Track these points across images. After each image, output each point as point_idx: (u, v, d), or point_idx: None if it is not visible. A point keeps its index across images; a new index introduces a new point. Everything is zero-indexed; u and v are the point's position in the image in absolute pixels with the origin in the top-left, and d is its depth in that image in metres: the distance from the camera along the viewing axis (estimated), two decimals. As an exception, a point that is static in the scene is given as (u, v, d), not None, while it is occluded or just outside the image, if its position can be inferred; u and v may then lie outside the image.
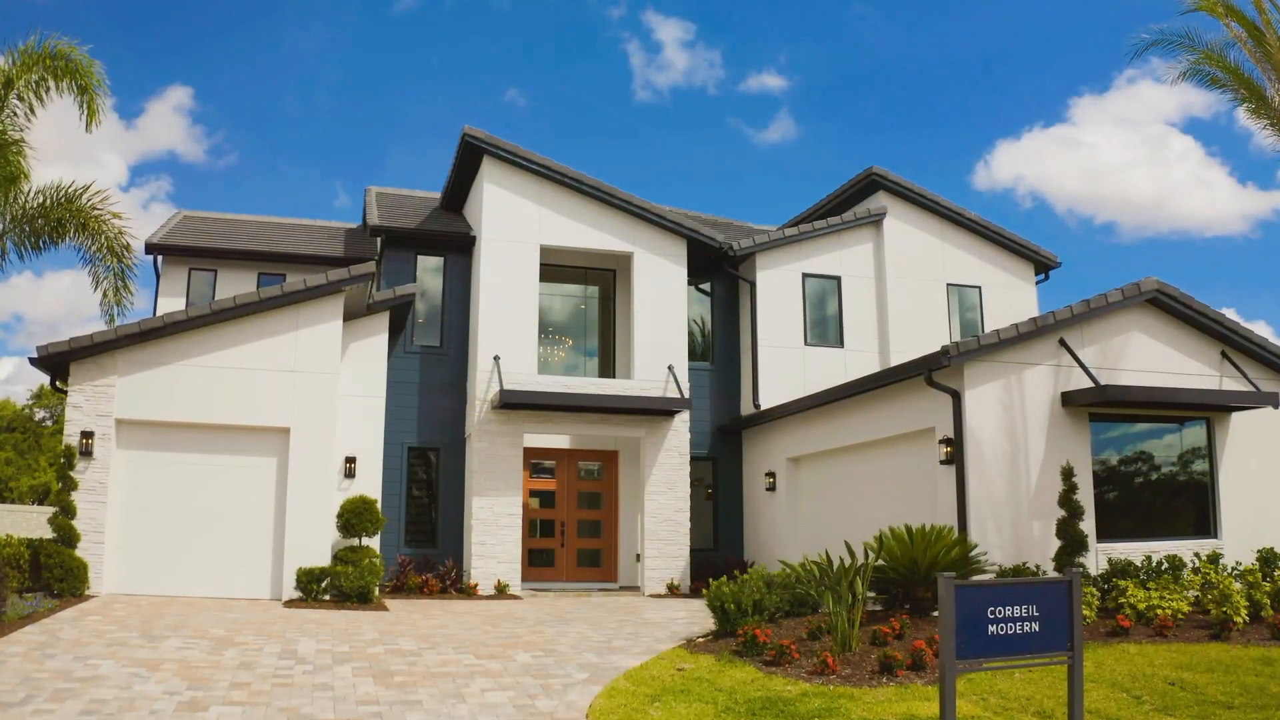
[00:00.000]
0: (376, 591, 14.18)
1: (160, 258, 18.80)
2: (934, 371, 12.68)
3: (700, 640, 9.53)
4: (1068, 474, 12.20)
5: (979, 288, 20.03)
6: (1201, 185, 41.34)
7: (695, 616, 12.43)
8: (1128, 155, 43.88)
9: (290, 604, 12.54)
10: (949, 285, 19.72)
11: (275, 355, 13.63)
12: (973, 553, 11.28)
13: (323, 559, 13.31)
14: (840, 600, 8.74)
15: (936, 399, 12.97)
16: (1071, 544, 11.98)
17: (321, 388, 13.75)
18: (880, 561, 10.83)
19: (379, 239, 17.26)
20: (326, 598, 13.07)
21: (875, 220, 19.39)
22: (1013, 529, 12.54)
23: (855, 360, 18.58)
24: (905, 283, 19.27)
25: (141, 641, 9.13)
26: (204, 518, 13.27)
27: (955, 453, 12.57)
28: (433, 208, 19.48)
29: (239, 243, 19.33)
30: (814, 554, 15.97)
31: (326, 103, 44.00)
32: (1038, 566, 11.99)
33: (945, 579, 6.26)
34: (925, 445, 13.42)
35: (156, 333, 13.24)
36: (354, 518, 14.03)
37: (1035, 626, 6.58)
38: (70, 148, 40.63)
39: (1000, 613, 6.45)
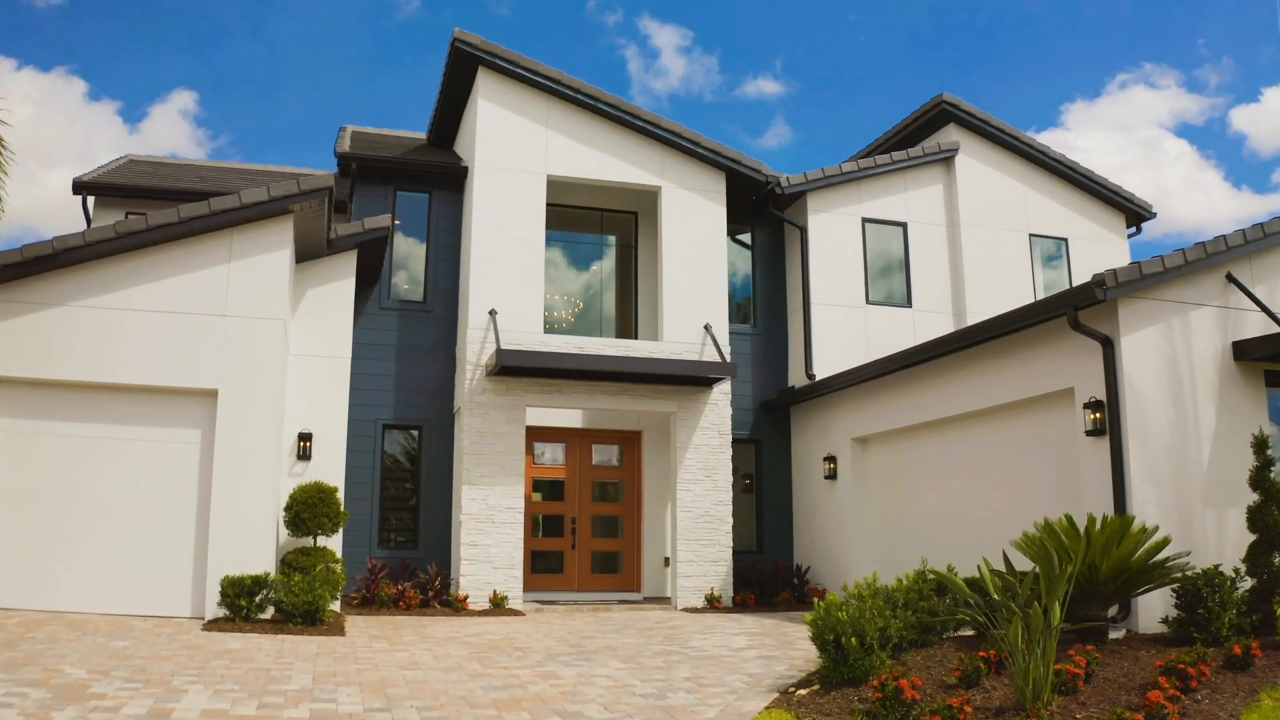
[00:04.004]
0: (337, 605, 10.93)
1: (92, 199, 15.53)
2: (1080, 310, 9.47)
3: (801, 692, 6.23)
4: (1261, 446, 8.94)
5: (1065, 240, 16.85)
6: (1196, 189, 39.83)
7: (761, 643, 9.17)
8: (1122, 159, 42.44)
9: (212, 625, 9.27)
10: (1031, 236, 16.55)
11: (200, 294, 10.35)
12: (1166, 550, 8.04)
13: (262, 564, 10.01)
14: (1032, 629, 5.50)
15: (1077, 351, 9.78)
16: (1271, 537, 8.77)
17: (262, 338, 10.46)
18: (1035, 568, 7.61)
19: (351, 166, 14.00)
20: (265, 615, 9.80)
21: (946, 157, 16.20)
22: (1180, 518, 9.34)
23: (925, 322, 15.39)
24: (981, 232, 16.08)
25: (-56, 692, 5.89)
26: (105, 509, 10.00)
27: (1109, 419, 9.35)
28: (419, 146, 16.25)
29: (187, 184, 16.08)
30: (890, 557, 12.77)
31: (329, 108, 42.39)
32: (1237, 570, 8.77)
33: None
34: (1059, 412, 10.20)
35: (44, 263, 9.99)
36: (305, 511, 10.78)
37: None
38: (73, 149, 38.71)
39: None
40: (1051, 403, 10.30)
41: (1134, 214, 17.55)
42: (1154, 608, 8.93)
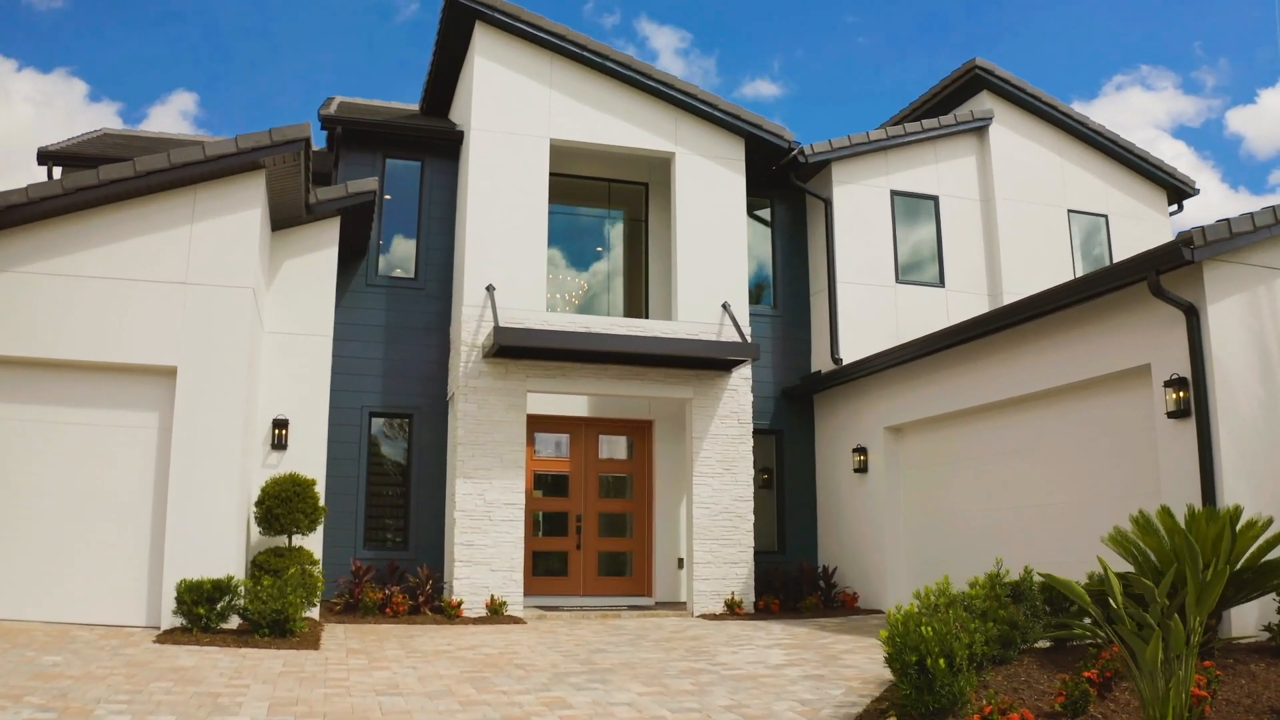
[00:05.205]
0: (315, 612, 9.73)
1: (59, 171, 14.34)
2: (1162, 274, 8.28)
3: (873, 723, 5.04)
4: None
5: (1105, 216, 15.67)
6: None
7: (801, 658, 7.97)
8: (1121, 160, 42.08)
9: (166, 637, 8.05)
10: (1069, 212, 15.38)
11: (159, 259, 9.14)
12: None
13: (227, 566, 8.79)
14: (1172, 646, 4.31)
15: (1154, 322, 8.60)
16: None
17: (228, 309, 9.25)
18: (1128, 570, 6.43)
19: (336, 131, 12.81)
20: (230, 625, 8.59)
21: (979, 127, 15.02)
22: (1275, 512, 8.15)
23: (958, 302, 14.21)
24: (1017, 206, 14.90)
25: None
26: (48, 502, 8.78)
27: (1195, 399, 8.16)
28: (411, 115, 15.04)
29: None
30: (927, 558, 11.57)
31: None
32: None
33: None
34: (1131, 393, 9.00)
35: (-19, 225, 8.81)
36: (279, 505, 9.57)
37: None
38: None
39: None
40: (1121, 382, 9.10)
41: (1176, 190, 16.45)
42: (1247, 614, 7.78)
